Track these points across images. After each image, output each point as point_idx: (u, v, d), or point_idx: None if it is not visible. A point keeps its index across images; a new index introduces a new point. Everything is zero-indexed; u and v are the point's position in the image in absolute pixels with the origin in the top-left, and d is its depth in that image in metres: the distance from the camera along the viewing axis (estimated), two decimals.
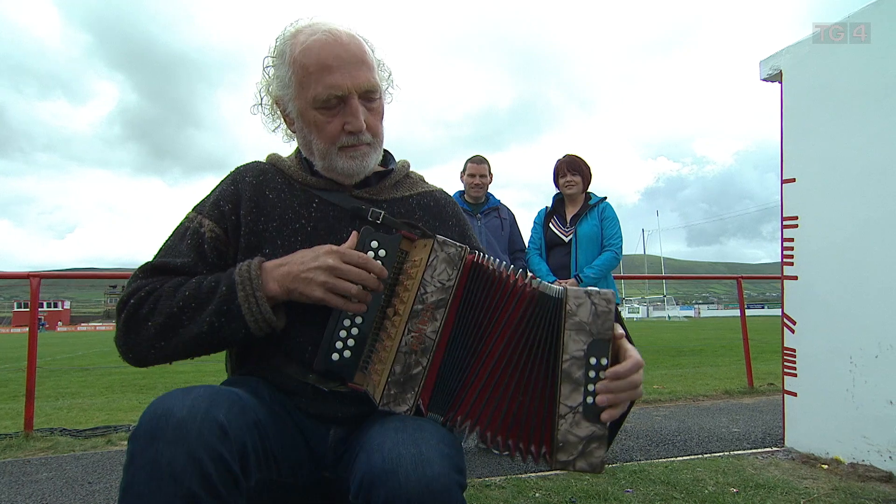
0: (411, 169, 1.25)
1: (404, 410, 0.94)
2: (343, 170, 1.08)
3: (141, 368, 1.03)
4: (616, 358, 0.95)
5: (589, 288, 0.96)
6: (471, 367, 0.96)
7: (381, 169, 1.19)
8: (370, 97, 1.06)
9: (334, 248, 0.97)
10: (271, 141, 1.20)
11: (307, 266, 0.95)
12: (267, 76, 1.10)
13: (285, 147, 1.20)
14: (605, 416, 0.91)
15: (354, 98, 1.03)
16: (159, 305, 0.95)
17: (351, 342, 0.97)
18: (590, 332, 0.93)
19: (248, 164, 1.16)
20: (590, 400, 0.92)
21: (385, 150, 1.19)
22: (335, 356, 0.96)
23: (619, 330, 0.95)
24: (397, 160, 1.23)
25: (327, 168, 1.10)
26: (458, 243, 0.98)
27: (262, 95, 1.12)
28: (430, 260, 0.96)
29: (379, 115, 1.10)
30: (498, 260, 1.00)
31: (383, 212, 1.06)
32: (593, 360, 0.93)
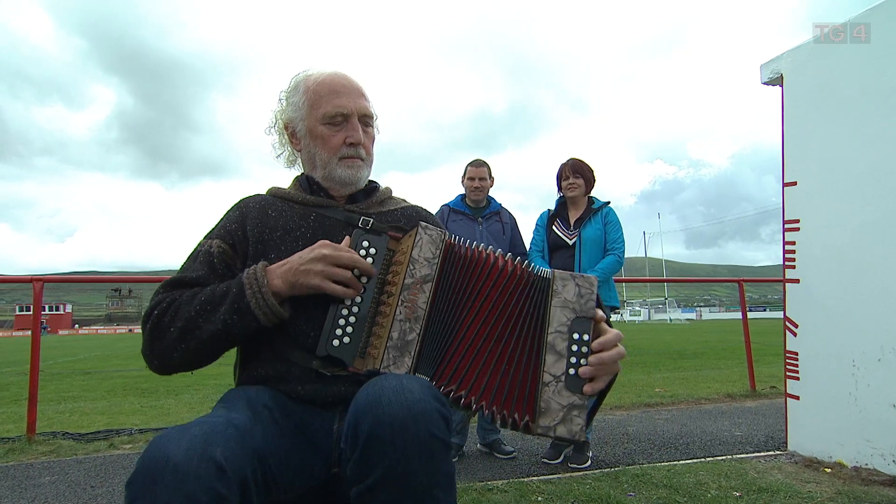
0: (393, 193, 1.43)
1: (403, 373, 1.01)
2: (341, 178, 1.26)
3: (154, 374, 1.13)
4: (597, 336, 1.05)
5: (573, 272, 1.06)
6: (454, 334, 1.06)
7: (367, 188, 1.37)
8: (367, 122, 1.29)
9: (328, 242, 1.10)
10: (269, 145, 1.38)
11: (304, 259, 1.08)
12: (281, 105, 1.33)
13: (284, 175, 1.42)
14: (587, 388, 0.99)
15: (355, 118, 1.26)
16: (179, 312, 1.08)
17: (349, 328, 1.06)
18: (573, 310, 1.04)
19: (250, 195, 1.32)
20: (572, 371, 1.00)
21: (370, 179, 1.37)
22: (335, 342, 1.04)
23: (601, 313, 1.06)
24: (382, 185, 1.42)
25: (327, 177, 1.28)
26: (437, 227, 1.12)
27: (277, 120, 1.34)
28: (416, 241, 1.09)
29: (371, 139, 1.32)
30: (472, 241, 1.13)
31: (372, 219, 1.20)
32: (576, 335, 1.02)
